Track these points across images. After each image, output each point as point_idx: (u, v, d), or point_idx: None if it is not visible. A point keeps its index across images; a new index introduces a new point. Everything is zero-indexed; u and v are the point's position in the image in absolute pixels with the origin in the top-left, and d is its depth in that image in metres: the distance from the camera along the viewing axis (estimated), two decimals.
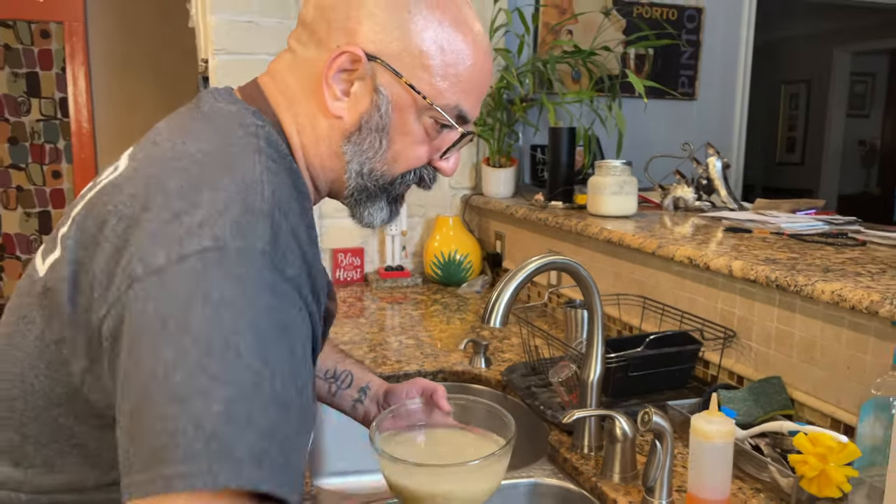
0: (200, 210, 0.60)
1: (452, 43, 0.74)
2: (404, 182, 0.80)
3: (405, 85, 0.74)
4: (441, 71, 0.74)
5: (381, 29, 0.73)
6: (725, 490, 0.99)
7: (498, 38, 2.39)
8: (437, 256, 2.33)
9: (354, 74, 0.74)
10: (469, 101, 0.77)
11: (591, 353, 1.17)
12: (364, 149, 0.76)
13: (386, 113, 0.75)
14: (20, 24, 3.65)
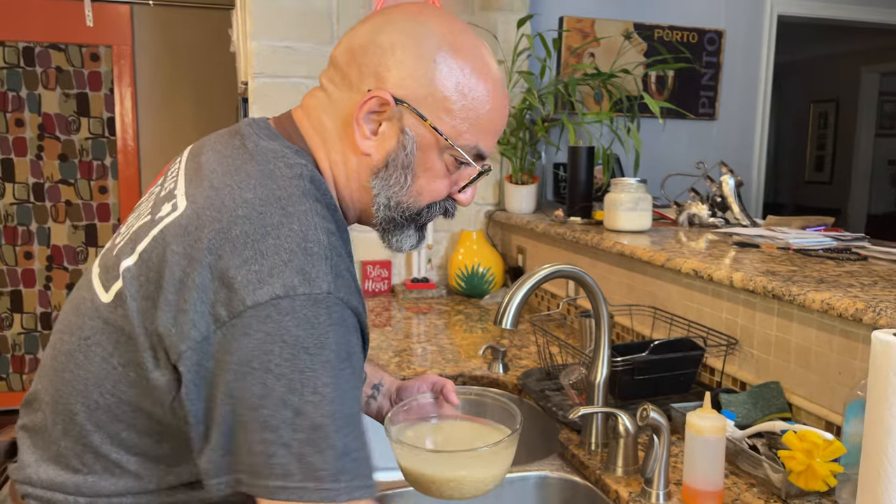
0: (268, 259, 0.68)
1: (473, 89, 0.81)
2: (430, 213, 0.87)
3: (429, 127, 0.81)
4: (462, 114, 0.81)
5: (408, 75, 0.80)
6: (718, 482, 1.07)
7: (521, 61, 2.50)
8: (462, 269, 2.44)
9: (383, 116, 0.81)
10: (487, 141, 0.84)
11: (598, 355, 1.26)
12: (390, 184, 0.83)
13: (411, 152, 0.81)
14: (71, 47, 3.87)
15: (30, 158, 3.87)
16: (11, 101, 3.83)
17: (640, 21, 2.89)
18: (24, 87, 3.83)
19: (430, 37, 0.81)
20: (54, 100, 3.88)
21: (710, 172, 2.11)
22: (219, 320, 0.68)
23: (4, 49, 3.79)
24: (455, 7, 2.48)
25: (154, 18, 3.97)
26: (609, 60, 2.72)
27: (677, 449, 1.24)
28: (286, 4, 2.33)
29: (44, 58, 3.84)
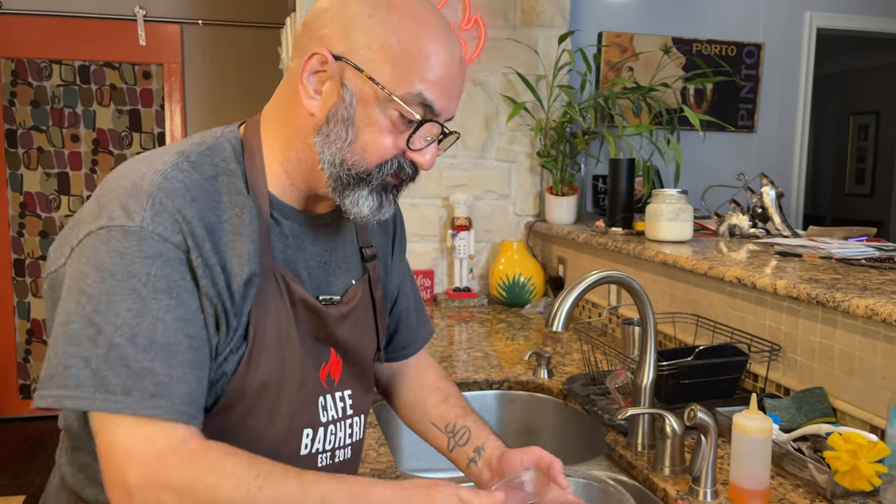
0: (107, 196, 0.76)
1: (411, 38, 0.80)
2: (382, 172, 0.84)
3: (366, 78, 0.79)
4: (401, 63, 0.79)
5: (344, 30, 0.80)
6: (764, 481, 1.10)
7: (562, 76, 2.56)
8: (503, 279, 2.49)
9: (325, 75, 0.81)
10: (433, 92, 0.81)
11: (645, 359, 1.30)
12: (332, 140, 0.82)
13: (350, 105, 0.81)
14: (125, 65, 4.03)
15: (84, 172, 4.04)
16: (68, 118, 4.00)
17: (678, 35, 2.93)
18: (80, 104, 4.00)
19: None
20: (108, 116, 4.04)
21: (751, 184, 2.14)
22: (67, 253, 0.77)
23: (62, 67, 3.97)
24: (496, 22, 2.55)
25: (203, 37, 4.12)
26: (648, 74, 2.77)
27: (722, 451, 1.28)
28: None
29: (99, 76, 4.01)
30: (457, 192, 2.54)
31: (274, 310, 0.83)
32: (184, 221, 0.75)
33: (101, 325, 0.71)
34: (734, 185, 2.15)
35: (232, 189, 0.82)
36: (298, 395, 0.87)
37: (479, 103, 2.57)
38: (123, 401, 0.70)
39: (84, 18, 3.95)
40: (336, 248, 0.95)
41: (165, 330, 0.73)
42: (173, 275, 0.74)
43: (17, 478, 3.38)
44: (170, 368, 0.73)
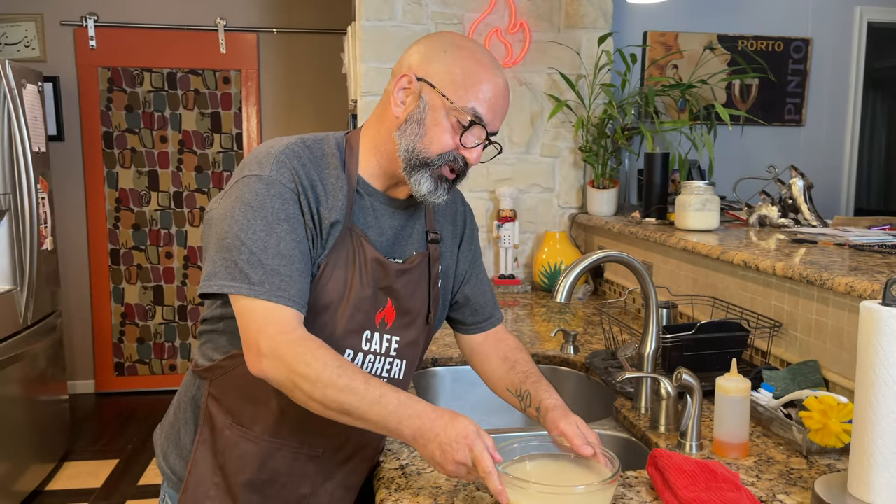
0: (250, 159, 1.12)
1: (470, 69, 1.11)
2: (441, 160, 1.13)
3: (437, 92, 1.11)
4: (462, 85, 1.10)
5: (426, 60, 1.13)
6: (744, 436, 1.24)
7: (603, 75, 2.69)
8: (545, 267, 2.65)
9: (409, 90, 1.13)
10: (483, 108, 1.11)
11: (648, 330, 1.45)
12: (408, 134, 1.13)
13: (423, 110, 1.12)
14: (207, 72, 4.38)
15: (171, 170, 4.42)
16: (157, 121, 4.38)
17: (723, 32, 3.01)
18: (168, 108, 4.38)
19: (441, 39, 1.16)
20: (192, 118, 4.41)
21: (781, 175, 2.23)
22: (222, 196, 1.13)
23: (152, 75, 4.35)
24: (541, 26, 2.71)
25: (277, 44, 4.44)
26: (692, 71, 2.87)
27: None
28: (391, 31, 2.64)
29: (184, 82, 4.38)
30: (503, 186, 2.72)
31: (345, 255, 1.13)
32: (297, 174, 1.09)
33: (244, 239, 1.05)
34: (764, 177, 2.25)
35: (331, 166, 1.15)
36: (349, 321, 1.14)
37: (525, 102, 2.74)
38: (259, 290, 1.03)
39: (171, 30, 4.33)
40: (407, 226, 1.23)
41: (286, 245, 1.06)
42: (290, 209, 1.08)
43: (111, 444, 3.77)
44: (290, 271, 1.05)
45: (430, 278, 1.26)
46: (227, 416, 1.17)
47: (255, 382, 1.09)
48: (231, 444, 1.16)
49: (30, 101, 3.21)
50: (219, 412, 1.17)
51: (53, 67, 4.26)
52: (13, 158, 3.03)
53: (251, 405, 1.15)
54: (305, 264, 1.08)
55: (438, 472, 1.17)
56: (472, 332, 1.39)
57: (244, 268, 1.04)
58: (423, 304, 1.25)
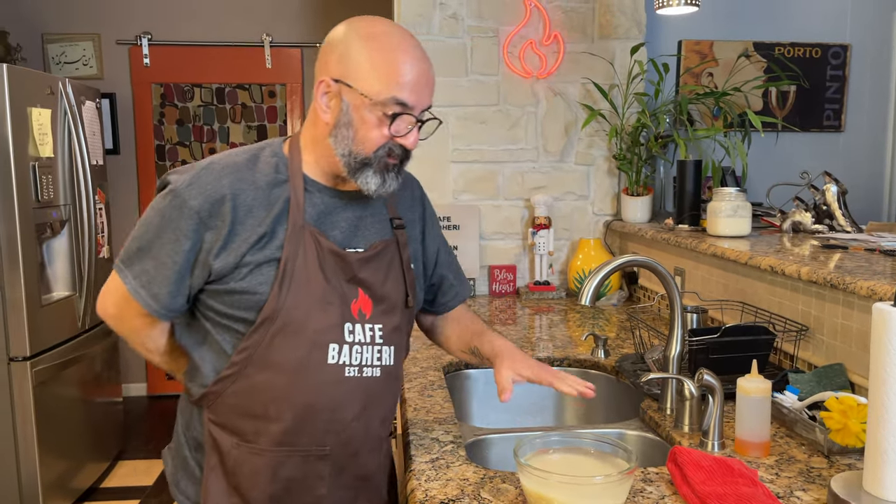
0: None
1: (380, 59, 1.11)
2: (377, 156, 1.15)
3: (356, 93, 1.12)
4: (376, 77, 1.11)
5: (338, 60, 1.13)
6: (764, 435, 1.28)
7: (636, 84, 2.73)
8: (580, 273, 2.70)
9: (331, 94, 1.15)
10: (403, 93, 1.11)
11: (673, 333, 1.50)
12: (340, 138, 1.15)
13: (347, 112, 1.13)
14: (254, 86, 4.55)
15: None
16: (206, 134, 4.56)
17: (759, 40, 3.02)
18: (216, 122, 4.56)
19: (347, 33, 1.15)
20: (239, 131, 4.57)
21: (815, 181, 2.24)
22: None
23: (201, 90, 4.54)
24: (574, 37, 2.76)
25: None
26: (730, 79, 2.88)
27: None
28: (427, 45, 2.72)
29: (232, 96, 4.55)
30: (537, 194, 2.77)
31: (303, 254, 1.16)
32: (209, 192, 1.13)
33: (137, 235, 1.20)
34: (798, 184, 2.26)
35: (263, 173, 1.18)
36: (324, 316, 1.17)
37: (559, 112, 2.80)
38: (129, 280, 1.18)
39: (220, 46, 4.51)
40: (365, 216, 1.25)
41: (165, 252, 1.16)
42: (182, 224, 1.14)
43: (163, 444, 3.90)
44: (157, 274, 1.16)
45: (403, 263, 1.28)
46: (232, 436, 1.19)
47: (251, 396, 1.16)
48: (241, 462, 1.19)
49: (88, 117, 3.40)
50: (222, 435, 1.20)
51: (110, 84, 4.47)
52: (73, 171, 3.21)
53: (252, 420, 1.18)
54: (177, 274, 1.15)
55: (466, 466, 1.23)
56: (441, 311, 1.46)
57: (132, 255, 1.18)
58: (399, 289, 1.27)
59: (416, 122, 1.15)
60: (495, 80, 2.77)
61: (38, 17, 4.41)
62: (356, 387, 1.20)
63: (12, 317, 2.82)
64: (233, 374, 1.17)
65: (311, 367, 1.17)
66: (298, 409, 1.16)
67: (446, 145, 2.77)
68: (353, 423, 1.21)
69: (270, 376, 1.16)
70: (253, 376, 1.17)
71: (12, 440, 2.86)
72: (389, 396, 1.29)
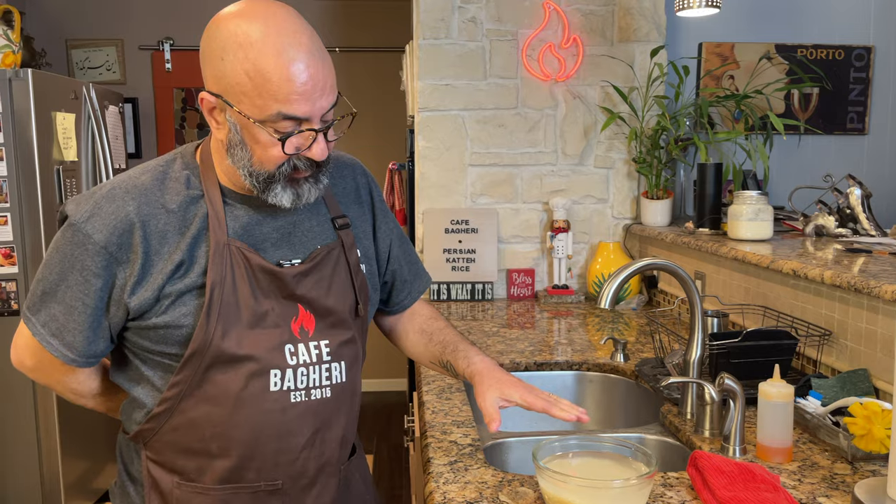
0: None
1: (259, 70, 0.94)
2: (281, 172, 1.01)
3: (237, 112, 0.97)
4: (256, 94, 0.95)
5: (213, 73, 0.98)
6: (787, 440, 1.26)
7: (656, 87, 2.72)
8: (599, 277, 2.68)
9: (215, 110, 1.01)
10: (291, 106, 0.95)
11: (693, 337, 1.48)
12: (238, 158, 1.02)
13: (236, 132, 0.99)
14: None
15: None
16: None
17: (781, 42, 2.99)
18: None
19: (221, 34, 0.97)
20: None
21: (838, 185, 2.21)
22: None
23: None
24: (594, 40, 2.75)
25: (338, 62, 4.60)
26: (751, 81, 2.86)
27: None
28: (446, 48, 2.73)
29: None
30: (556, 197, 2.76)
31: (230, 275, 1.04)
32: (112, 222, 1.02)
33: (42, 278, 1.09)
34: (821, 187, 2.23)
35: (174, 191, 1.06)
36: (259, 340, 1.06)
37: (578, 115, 2.79)
38: (37, 328, 1.08)
39: None
40: (300, 222, 1.13)
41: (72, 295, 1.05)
42: (87, 261, 1.03)
43: None
44: (66, 321, 1.06)
45: (350, 268, 1.16)
46: (172, 475, 1.10)
47: (189, 432, 1.07)
48: (183, 501, 1.09)
49: (112, 122, 3.44)
50: (162, 474, 1.10)
51: (132, 89, 4.53)
52: (97, 175, 3.25)
53: (192, 457, 1.09)
54: (91, 317, 1.04)
55: (485, 469, 1.23)
56: (396, 310, 1.35)
57: (37, 302, 1.06)
58: (347, 298, 1.15)
59: (316, 133, 1.00)
60: (514, 84, 2.77)
61: (63, 23, 4.48)
62: (305, 412, 1.10)
63: None
64: (166, 409, 1.07)
65: (252, 397, 1.06)
66: (242, 442, 1.07)
67: (464, 148, 2.77)
68: (304, 451, 1.11)
69: (208, 410, 1.06)
70: (189, 411, 1.07)
71: (35, 441, 2.90)
72: (345, 415, 1.17)
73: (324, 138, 1.02)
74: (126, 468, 1.19)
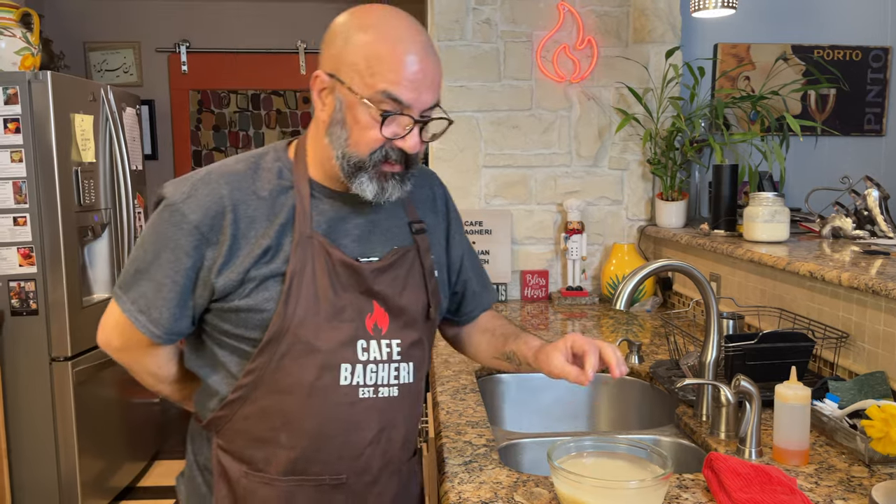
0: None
1: (373, 53, 1.01)
2: (372, 159, 1.05)
3: (346, 89, 1.02)
4: (368, 72, 1.01)
5: (332, 54, 1.05)
6: (803, 443, 1.25)
7: (671, 88, 2.71)
8: (613, 279, 2.68)
9: (326, 90, 1.06)
10: (398, 89, 1.00)
11: (709, 338, 1.48)
12: (335, 137, 1.05)
13: (341, 110, 1.04)
14: (288, 92, 4.61)
15: None
16: (242, 139, 4.63)
17: (798, 42, 2.97)
18: (252, 127, 4.63)
19: (346, 24, 1.05)
20: (274, 137, 4.63)
21: (855, 186, 2.19)
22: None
23: (237, 96, 4.61)
24: (609, 41, 2.75)
25: None
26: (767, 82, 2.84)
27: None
28: (461, 50, 2.74)
29: (267, 102, 4.61)
30: (570, 198, 2.76)
31: (311, 266, 1.07)
32: (207, 204, 1.06)
33: (135, 257, 1.14)
34: (838, 188, 2.21)
35: (266, 180, 1.10)
36: (333, 333, 1.08)
37: (592, 116, 2.78)
38: (127, 305, 1.12)
39: (256, 53, 4.58)
40: (380, 221, 1.16)
41: (163, 273, 1.09)
42: (181, 240, 1.07)
43: None
44: (155, 298, 1.09)
45: (425, 272, 1.19)
46: (241, 464, 1.12)
47: (260, 421, 1.09)
48: (250, 492, 1.11)
49: (129, 124, 3.47)
50: (231, 463, 1.13)
51: (149, 91, 4.57)
52: (114, 176, 3.29)
53: (261, 446, 1.11)
54: (178, 295, 1.07)
55: (499, 469, 1.23)
56: (465, 321, 1.36)
57: (129, 280, 1.11)
58: (419, 300, 1.18)
59: (414, 123, 1.04)
60: (528, 85, 2.77)
61: (81, 26, 4.53)
62: (371, 408, 1.12)
63: (54, 318, 2.89)
64: (240, 397, 1.10)
65: (323, 389, 1.09)
66: (310, 434, 1.09)
67: (478, 150, 2.78)
68: (369, 447, 1.13)
69: (279, 399, 1.09)
70: (261, 400, 1.09)
71: (53, 439, 2.93)
72: (410, 417, 1.20)
73: (418, 133, 1.06)
74: (195, 457, 1.21)
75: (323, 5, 4.59)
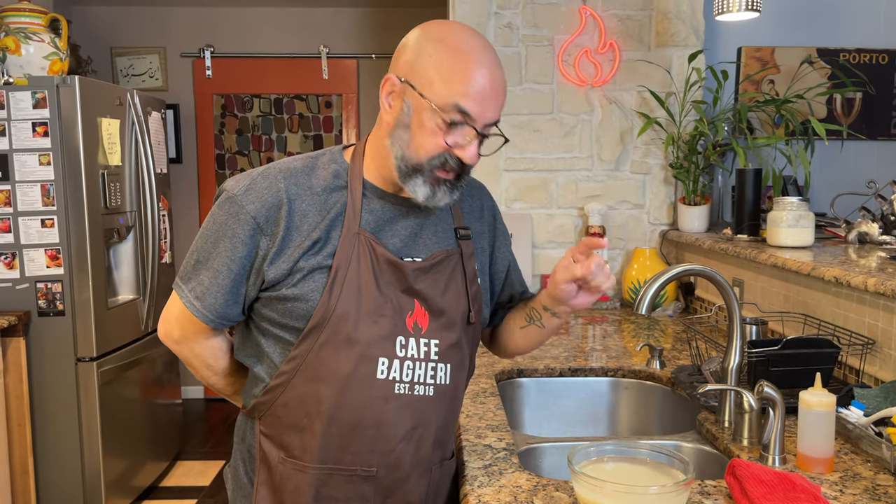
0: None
1: (449, 64, 1.05)
2: (431, 165, 1.09)
3: (418, 94, 1.07)
4: (442, 81, 1.05)
5: (407, 60, 1.09)
6: (828, 450, 1.24)
7: (693, 92, 2.69)
8: (634, 283, 2.66)
9: (395, 94, 1.10)
10: (468, 102, 1.05)
11: (731, 344, 1.46)
12: (397, 139, 1.10)
13: (407, 114, 1.08)
14: (310, 97, 4.64)
15: None
16: (264, 143, 4.67)
17: (823, 46, 2.94)
18: (274, 131, 4.67)
19: (422, 34, 1.10)
20: (296, 141, 4.67)
21: (882, 191, 2.16)
22: None
23: (260, 101, 4.65)
24: (631, 45, 2.74)
25: (376, 69, 4.65)
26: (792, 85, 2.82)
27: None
28: None
29: (289, 106, 4.65)
30: (591, 202, 2.75)
31: (356, 261, 1.12)
32: (265, 196, 1.11)
33: (195, 247, 1.19)
34: (864, 193, 2.19)
35: (321, 177, 1.16)
36: (373, 327, 1.11)
37: (614, 120, 2.77)
38: (185, 293, 1.18)
39: (279, 58, 4.62)
40: (427, 224, 1.20)
41: (220, 261, 1.14)
42: (239, 231, 1.12)
43: (219, 446, 4.01)
44: (212, 285, 1.15)
45: (466, 276, 1.22)
46: (280, 450, 1.16)
47: (297, 409, 1.13)
48: (286, 478, 1.15)
49: (154, 128, 3.52)
50: (272, 448, 1.17)
51: (174, 95, 4.63)
52: (139, 179, 3.33)
53: (298, 433, 1.15)
54: (232, 282, 1.12)
55: (519, 473, 1.23)
56: (501, 322, 1.39)
57: (189, 270, 1.16)
58: (460, 303, 1.20)
59: (476, 135, 1.08)
60: (550, 89, 2.76)
61: (108, 31, 4.60)
62: (406, 405, 1.14)
63: (80, 318, 2.93)
64: (281, 383, 1.14)
65: (359, 380, 1.11)
66: (344, 424, 1.12)
67: (499, 154, 2.78)
68: (401, 443, 1.15)
69: (317, 388, 1.12)
70: (300, 387, 1.13)
71: (78, 438, 2.98)
72: (444, 418, 1.21)
73: (478, 145, 1.10)
74: (240, 443, 1.26)
75: (344, 11, 4.62)
